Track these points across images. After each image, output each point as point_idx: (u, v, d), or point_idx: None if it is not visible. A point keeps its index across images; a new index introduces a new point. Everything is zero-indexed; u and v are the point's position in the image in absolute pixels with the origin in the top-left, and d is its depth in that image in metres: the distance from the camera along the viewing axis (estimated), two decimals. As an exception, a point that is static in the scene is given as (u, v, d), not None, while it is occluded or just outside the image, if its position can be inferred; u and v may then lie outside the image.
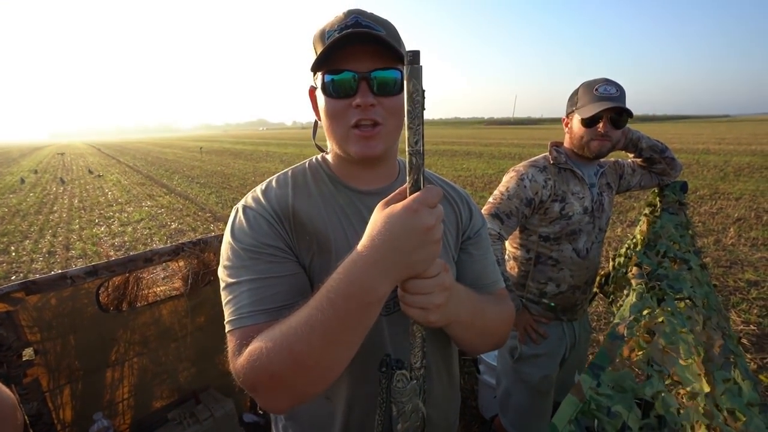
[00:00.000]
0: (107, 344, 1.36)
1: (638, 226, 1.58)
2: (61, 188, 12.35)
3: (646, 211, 1.58)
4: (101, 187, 12.44)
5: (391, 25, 0.66)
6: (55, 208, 9.09)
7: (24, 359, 1.16)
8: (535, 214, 1.42)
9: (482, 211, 1.38)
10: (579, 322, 1.58)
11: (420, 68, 0.47)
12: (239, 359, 0.56)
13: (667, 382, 0.76)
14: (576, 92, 1.39)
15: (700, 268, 1.23)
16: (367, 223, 0.68)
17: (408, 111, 0.48)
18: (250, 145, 37.17)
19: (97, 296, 1.29)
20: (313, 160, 0.77)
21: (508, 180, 1.43)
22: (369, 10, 0.66)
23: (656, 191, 1.61)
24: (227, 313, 0.62)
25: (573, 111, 1.38)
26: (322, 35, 0.64)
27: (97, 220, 7.72)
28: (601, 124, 1.29)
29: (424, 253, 0.49)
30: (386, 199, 0.53)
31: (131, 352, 1.44)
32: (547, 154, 1.45)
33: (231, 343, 0.60)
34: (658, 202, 1.53)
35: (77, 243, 6.17)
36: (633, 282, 1.02)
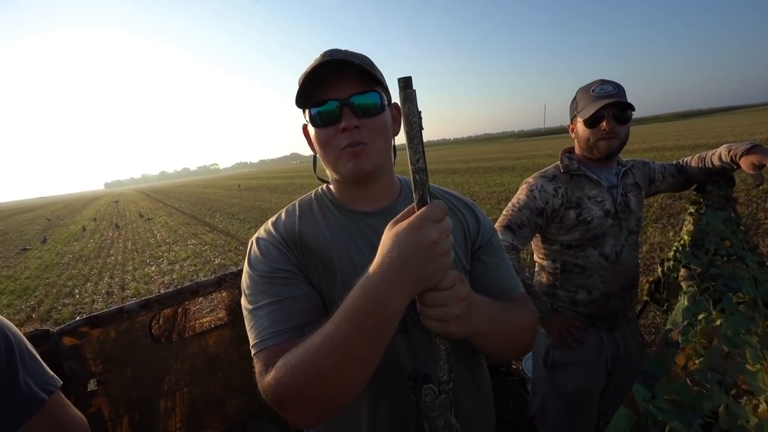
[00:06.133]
0: (160, 374, 1.43)
1: (684, 227, 1.48)
2: (116, 233, 13.37)
3: (691, 209, 1.49)
4: (151, 229, 13.35)
5: (365, 56, 0.72)
6: (111, 252, 9.84)
7: (88, 390, 1.24)
8: (552, 223, 1.41)
9: (496, 223, 1.39)
10: (623, 333, 1.48)
11: (413, 92, 0.50)
12: (266, 378, 0.59)
13: (732, 392, 0.69)
14: (575, 98, 1.40)
15: (758, 266, 1.13)
16: (370, 242, 0.72)
17: (407, 132, 0.51)
18: (285, 179, 38.72)
19: (150, 328, 1.37)
20: (319, 190, 0.83)
21: (519, 192, 1.45)
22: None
23: (698, 187, 1.52)
24: (251, 337, 0.66)
25: (575, 116, 1.38)
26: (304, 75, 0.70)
27: (148, 261, 8.26)
28: (604, 123, 1.29)
29: (433, 267, 0.51)
30: (395, 218, 0.56)
31: (181, 381, 1.50)
32: (559, 162, 1.45)
33: (258, 364, 0.63)
34: (702, 199, 1.44)
35: (131, 283, 6.60)
36: (683, 285, 0.95)
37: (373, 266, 0.53)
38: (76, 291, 6.50)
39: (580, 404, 1.45)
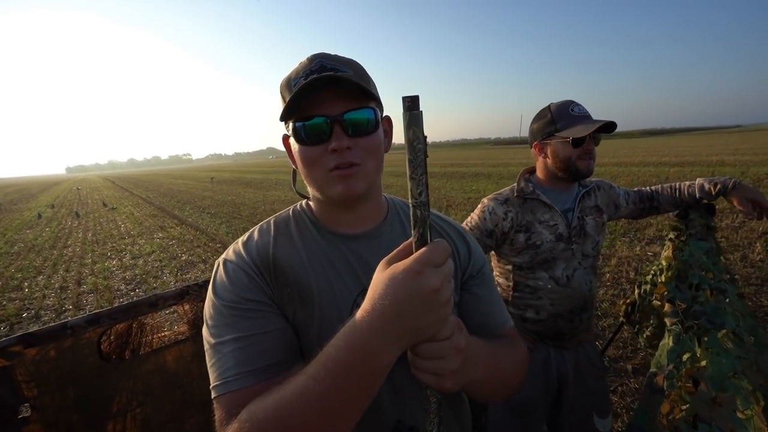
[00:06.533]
0: (109, 395, 1.30)
1: (663, 252, 1.49)
2: (76, 222, 12.61)
3: (671, 235, 1.50)
4: (114, 219, 12.68)
5: (357, 63, 0.65)
6: (69, 243, 9.24)
7: (20, 416, 1.10)
8: (503, 244, 1.43)
9: None
10: (574, 353, 1.49)
11: (420, 114, 0.43)
12: (227, 430, 0.52)
13: None
14: (548, 116, 1.37)
15: (738, 299, 1.14)
16: (352, 268, 0.66)
17: (409, 160, 0.44)
18: (260, 173, 37.82)
19: (98, 345, 1.24)
20: (297, 206, 0.75)
21: (474, 212, 1.48)
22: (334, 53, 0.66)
23: (679, 213, 1.54)
24: (212, 377, 0.58)
25: (552, 134, 1.35)
26: (289, 83, 0.63)
27: (109, 254, 7.80)
28: (586, 143, 1.30)
29: (431, 318, 0.45)
30: (389, 256, 0.49)
31: (134, 402, 1.37)
32: (515, 184, 1.45)
33: (218, 411, 0.55)
34: (684, 227, 1.44)
35: (89, 277, 6.20)
36: (667, 321, 0.93)
37: (361, 312, 0.47)
38: (26, 284, 6.03)
39: (525, 413, 1.46)
